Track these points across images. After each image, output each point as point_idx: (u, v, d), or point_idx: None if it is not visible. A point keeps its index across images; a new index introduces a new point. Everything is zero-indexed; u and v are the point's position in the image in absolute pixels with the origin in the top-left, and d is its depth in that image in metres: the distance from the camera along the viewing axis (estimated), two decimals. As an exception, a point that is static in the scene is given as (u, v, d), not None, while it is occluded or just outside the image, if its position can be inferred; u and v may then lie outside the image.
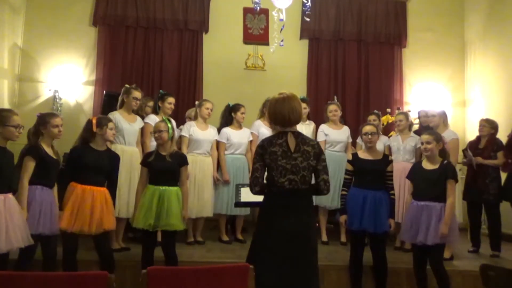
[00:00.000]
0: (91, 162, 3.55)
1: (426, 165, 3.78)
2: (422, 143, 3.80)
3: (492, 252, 4.76)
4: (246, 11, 6.95)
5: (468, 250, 4.89)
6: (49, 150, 3.47)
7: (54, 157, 3.50)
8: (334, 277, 4.08)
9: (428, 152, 3.73)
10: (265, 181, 2.88)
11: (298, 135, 2.89)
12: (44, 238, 3.41)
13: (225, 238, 4.98)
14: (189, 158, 4.71)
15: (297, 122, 2.95)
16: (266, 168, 2.86)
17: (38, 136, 3.45)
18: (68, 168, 3.61)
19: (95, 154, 3.62)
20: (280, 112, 2.86)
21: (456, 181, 3.79)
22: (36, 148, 3.39)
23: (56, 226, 3.42)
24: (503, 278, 2.79)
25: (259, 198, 3.97)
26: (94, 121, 3.69)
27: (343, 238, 5.07)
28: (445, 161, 3.73)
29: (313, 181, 2.91)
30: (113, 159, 3.77)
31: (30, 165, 3.32)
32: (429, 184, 3.68)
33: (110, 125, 3.72)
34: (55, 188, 3.57)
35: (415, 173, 3.85)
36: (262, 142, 2.91)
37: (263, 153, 2.84)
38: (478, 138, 5.06)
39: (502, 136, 5.07)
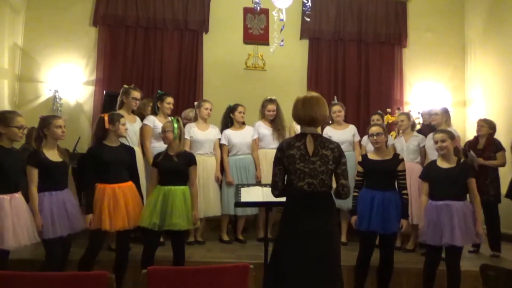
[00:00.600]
0: (110, 158, 3.58)
1: (442, 164, 3.74)
2: (436, 142, 3.74)
3: (492, 252, 4.77)
4: (246, 11, 6.95)
5: (468, 250, 4.88)
6: (52, 153, 3.45)
7: (59, 159, 3.48)
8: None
9: (444, 150, 3.69)
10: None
11: (317, 138, 2.83)
12: (66, 239, 3.45)
13: (226, 238, 4.98)
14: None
15: (320, 124, 2.92)
16: (286, 172, 2.84)
17: (41, 140, 3.45)
18: (89, 169, 3.59)
19: (112, 150, 3.64)
20: (304, 113, 2.81)
21: (475, 178, 3.76)
22: (35, 155, 3.39)
23: (77, 224, 3.47)
24: (503, 278, 2.79)
25: (259, 198, 3.97)
26: (106, 118, 3.69)
27: (343, 239, 5.06)
28: (462, 160, 3.71)
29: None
30: (131, 152, 3.82)
31: (33, 173, 3.33)
32: (448, 183, 3.64)
33: (122, 120, 3.72)
34: (72, 187, 3.59)
35: (431, 173, 3.78)
36: (281, 145, 2.88)
37: (281, 156, 2.82)
38: (476, 138, 5.06)
39: (502, 136, 5.07)
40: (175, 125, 3.77)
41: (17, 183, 3.24)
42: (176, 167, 3.71)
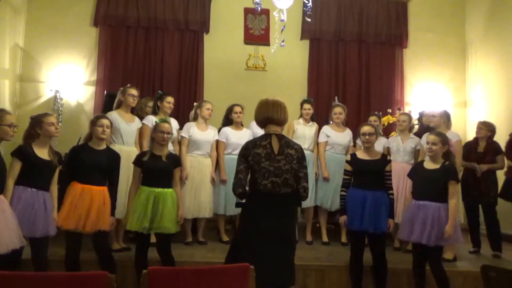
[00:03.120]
0: (88, 160, 3.53)
1: (428, 165, 3.77)
2: (427, 143, 3.76)
3: (493, 253, 4.77)
4: (247, 11, 6.95)
5: (469, 251, 4.89)
6: (42, 151, 3.40)
7: (48, 158, 3.41)
8: (334, 277, 4.08)
9: (432, 153, 3.72)
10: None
11: (282, 138, 2.95)
12: (36, 240, 3.33)
13: (225, 238, 4.97)
14: (188, 159, 4.75)
15: (281, 124, 3.03)
16: (250, 170, 2.91)
17: (31, 138, 3.39)
18: (68, 167, 3.58)
19: (93, 153, 3.59)
20: (264, 113, 2.99)
21: (458, 182, 3.78)
22: (23, 149, 3.34)
23: (49, 228, 3.36)
24: (504, 279, 2.78)
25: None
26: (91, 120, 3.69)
27: (343, 239, 5.06)
28: (446, 162, 3.72)
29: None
30: (113, 158, 3.71)
31: (15, 166, 3.27)
32: (428, 184, 3.68)
33: (100, 122, 3.61)
34: (55, 191, 3.52)
35: (416, 172, 3.85)
36: (246, 144, 3.00)
37: (247, 154, 2.91)
38: (476, 140, 5.04)
39: (503, 137, 5.06)
40: (172, 127, 3.78)
41: (1, 185, 3.16)
42: (166, 168, 3.66)
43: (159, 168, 3.64)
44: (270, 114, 2.99)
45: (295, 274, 3.02)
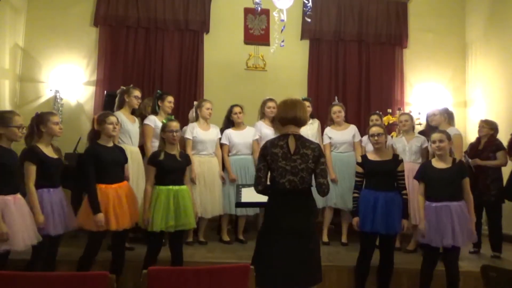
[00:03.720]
0: (108, 159, 3.57)
1: (438, 164, 3.74)
2: (434, 142, 3.74)
3: (493, 253, 4.76)
4: (247, 11, 6.95)
5: (469, 251, 4.88)
6: (48, 150, 3.44)
7: (55, 156, 3.47)
8: (334, 277, 4.08)
9: (442, 151, 3.70)
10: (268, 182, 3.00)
11: (299, 138, 3.01)
12: (54, 238, 3.42)
13: (226, 238, 4.97)
14: (196, 159, 4.76)
15: (301, 125, 3.07)
16: (269, 169, 2.98)
17: (33, 137, 3.41)
18: (90, 170, 3.49)
19: (108, 150, 3.63)
20: (292, 113, 3.01)
21: (468, 178, 3.79)
22: (33, 151, 3.35)
23: (70, 223, 3.49)
24: (504, 279, 2.78)
25: (260, 199, 3.97)
26: (95, 119, 3.71)
27: (344, 239, 5.05)
28: (457, 160, 3.71)
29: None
30: (124, 153, 3.82)
31: (31, 169, 3.29)
32: (444, 184, 3.64)
33: (109, 120, 3.64)
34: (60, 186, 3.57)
35: (426, 173, 3.78)
36: (265, 143, 3.06)
37: (265, 154, 2.99)
38: (478, 140, 5.04)
39: (503, 136, 5.06)
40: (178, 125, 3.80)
41: (18, 183, 3.22)
42: (182, 167, 3.74)
43: (175, 167, 3.70)
44: (298, 114, 3.02)
45: (321, 271, 3.03)
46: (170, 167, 3.67)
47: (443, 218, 3.60)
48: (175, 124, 3.76)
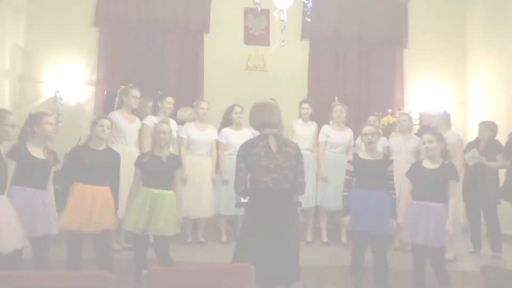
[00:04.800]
0: (89, 161, 3.53)
1: (427, 164, 3.76)
2: (424, 143, 3.78)
3: (493, 253, 4.76)
4: (247, 11, 6.96)
5: (469, 251, 4.88)
6: (37, 150, 3.39)
7: (43, 157, 3.40)
8: (334, 278, 4.08)
9: (430, 152, 3.72)
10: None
11: (279, 137, 3.06)
12: (36, 240, 3.31)
13: (224, 238, 4.97)
14: (189, 159, 4.74)
15: (276, 126, 3.12)
16: (249, 169, 2.99)
17: (26, 137, 3.39)
18: (68, 168, 3.57)
19: (94, 153, 3.60)
20: (260, 119, 3.09)
21: (458, 181, 3.78)
22: (16, 148, 3.33)
23: (51, 227, 3.38)
24: (504, 279, 2.79)
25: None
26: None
27: (343, 239, 5.05)
28: (446, 161, 3.71)
29: None
30: (114, 158, 3.71)
31: (9, 166, 3.24)
32: (429, 184, 3.67)
33: (100, 122, 3.63)
34: (51, 189, 3.52)
35: (415, 172, 3.83)
36: (244, 145, 3.09)
37: (245, 154, 3.01)
38: (477, 140, 5.04)
39: (502, 137, 5.06)
40: (171, 128, 3.76)
41: (4, 184, 3.15)
42: (165, 169, 3.64)
43: (158, 170, 3.62)
44: (267, 118, 3.08)
45: (299, 269, 3.07)
46: (152, 170, 3.61)
47: (422, 217, 3.63)
48: (164, 126, 3.71)
